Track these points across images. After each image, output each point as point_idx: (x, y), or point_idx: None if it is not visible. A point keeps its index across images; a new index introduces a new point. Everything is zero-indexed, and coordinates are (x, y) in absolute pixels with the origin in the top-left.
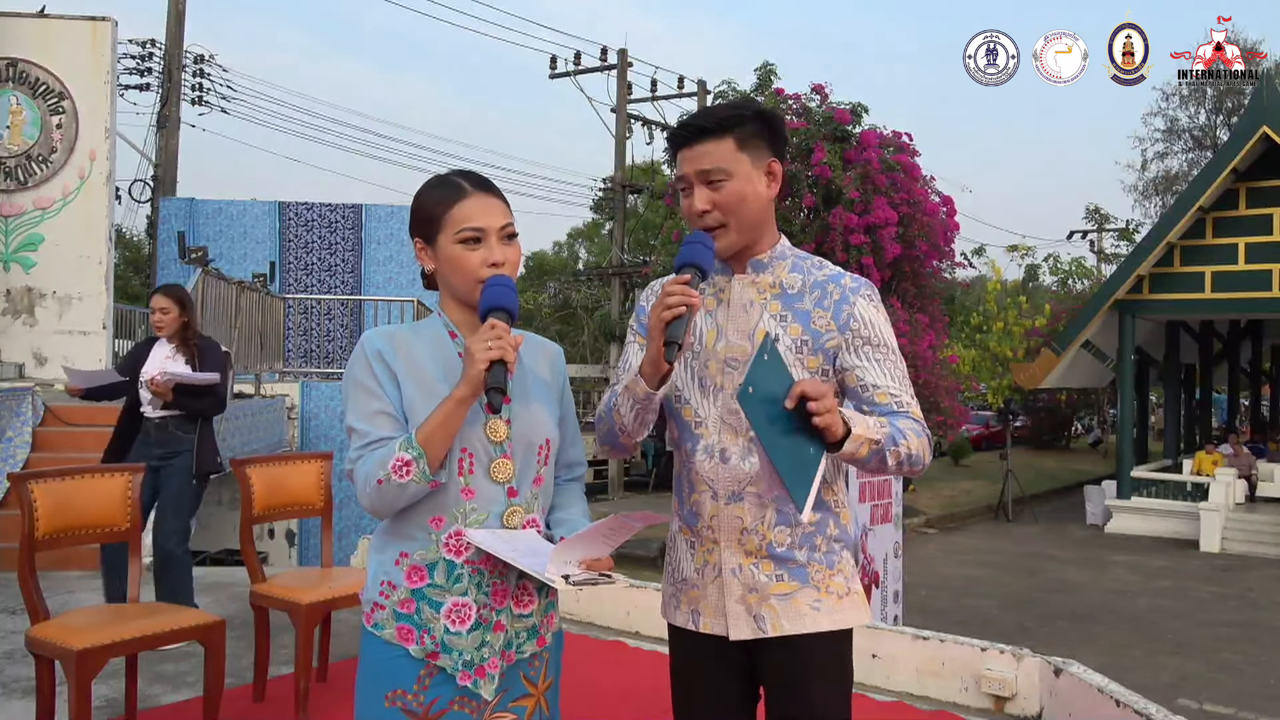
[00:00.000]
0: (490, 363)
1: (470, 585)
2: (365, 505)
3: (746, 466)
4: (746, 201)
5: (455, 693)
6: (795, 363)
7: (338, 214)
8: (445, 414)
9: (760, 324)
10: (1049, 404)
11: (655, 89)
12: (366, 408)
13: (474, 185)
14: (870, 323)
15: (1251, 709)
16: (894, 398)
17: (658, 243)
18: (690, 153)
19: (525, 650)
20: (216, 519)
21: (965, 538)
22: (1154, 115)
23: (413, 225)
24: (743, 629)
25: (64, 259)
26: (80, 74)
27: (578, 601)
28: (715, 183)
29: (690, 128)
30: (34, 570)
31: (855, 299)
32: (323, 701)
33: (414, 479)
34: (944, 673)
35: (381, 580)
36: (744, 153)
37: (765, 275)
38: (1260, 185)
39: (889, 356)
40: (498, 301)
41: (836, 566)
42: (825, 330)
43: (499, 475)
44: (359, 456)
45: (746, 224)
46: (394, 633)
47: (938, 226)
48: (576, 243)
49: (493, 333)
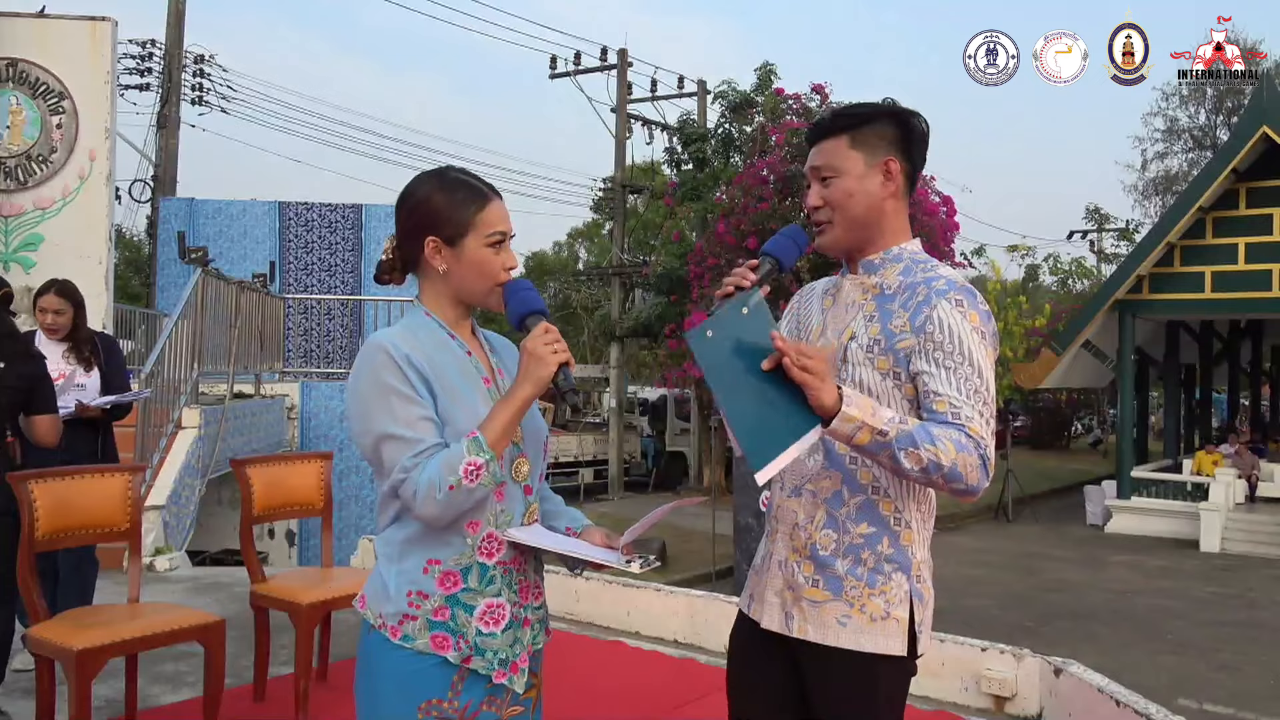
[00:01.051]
0: (559, 365)
1: (503, 585)
2: (428, 514)
3: (810, 463)
4: (854, 198)
5: (484, 694)
6: (865, 362)
7: (338, 214)
8: (513, 415)
9: (852, 324)
10: (1049, 404)
11: (655, 89)
12: (409, 414)
13: (488, 188)
14: (949, 329)
15: (1251, 709)
16: (953, 409)
17: (658, 243)
18: (812, 150)
19: (539, 643)
20: (216, 519)
21: (965, 538)
22: (1154, 115)
23: (427, 225)
24: (774, 620)
25: (64, 259)
26: (80, 74)
27: (578, 601)
28: (826, 179)
29: (816, 126)
30: (34, 570)
31: (939, 302)
32: (323, 701)
33: (483, 483)
34: (944, 673)
35: (409, 590)
36: (857, 150)
37: (874, 277)
38: (1260, 185)
39: (961, 367)
40: (538, 305)
41: (879, 587)
42: (899, 331)
43: (520, 474)
44: (415, 464)
45: (853, 221)
46: (427, 642)
47: (938, 226)
48: (576, 243)
49: (550, 335)
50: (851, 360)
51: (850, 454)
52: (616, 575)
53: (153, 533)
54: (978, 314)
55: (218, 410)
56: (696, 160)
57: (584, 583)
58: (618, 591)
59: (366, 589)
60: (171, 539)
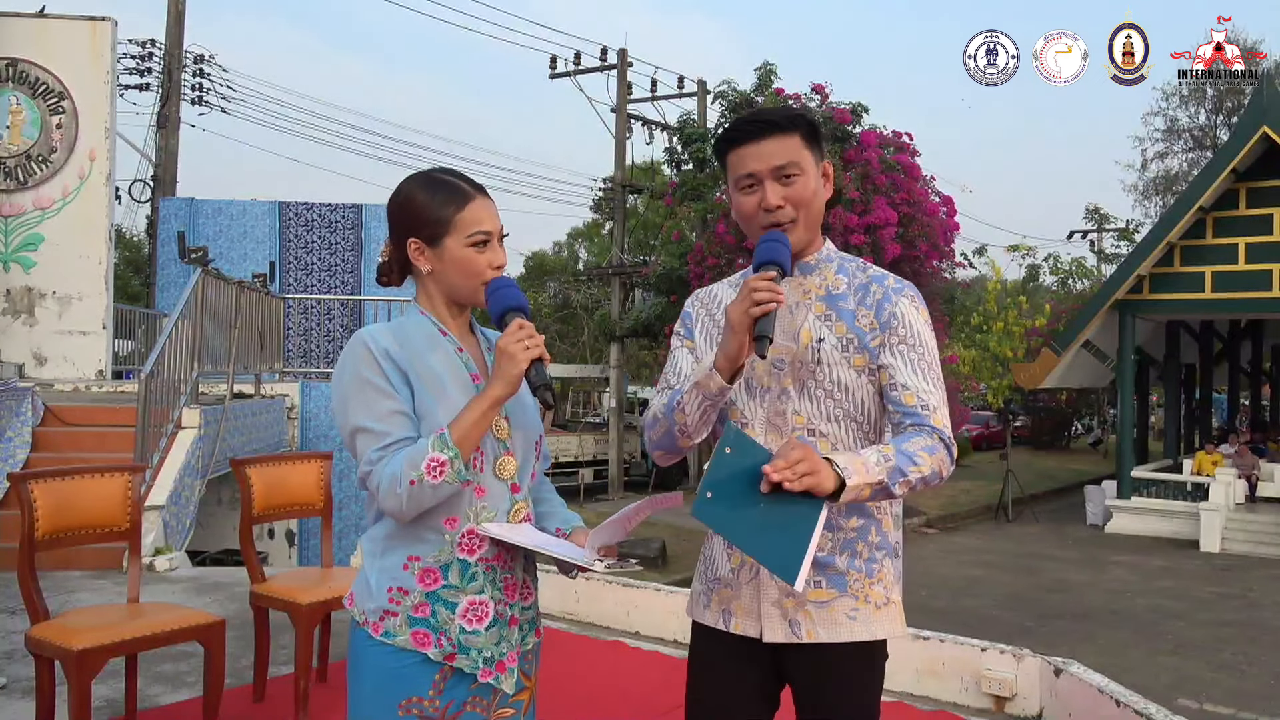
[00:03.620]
0: (531, 361)
1: (486, 583)
2: (390, 508)
3: None
4: (817, 197)
5: (469, 693)
6: (841, 361)
7: (338, 214)
8: (482, 413)
9: (805, 325)
10: (1049, 404)
11: (655, 89)
12: (380, 407)
13: (472, 187)
14: (909, 323)
15: (1251, 709)
16: (921, 401)
17: (658, 243)
18: (757, 149)
19: (529, 643)
20: (216, 519)
21: (965, 538)
22: (1154, 115)
23: (409, 226)
24: (776, 631)
25: (64, 259)
26: (80, 74)
27: (578, 601)
28: (790, 178)
29: (759, 123)
30: (34, 570)
31: (898, 299)
32: (323, 701)
33: (447, 479)
34: (944, 673)
35: (389, 587)
36: (808, 150)
37: (812, 278)
38: (1260, 185)
39: (924, 358)
40: (515, 301)
41: (877, 575)
42: (869, 329)
43: (504, 472)
44: (380, 458)
45: (813, 221)
46: (408, 639)
47: (938, 226)
48: (576, 243)
49: (523, 332)
50: (827, 361)
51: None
52: (616, 575)
53: (153, 533)
54: (924, 309)
55: (218, 410)
56: (696, 160)
57: (584, 583)
58: (618, 591)
59: (354, 586)
60: (171, 539)
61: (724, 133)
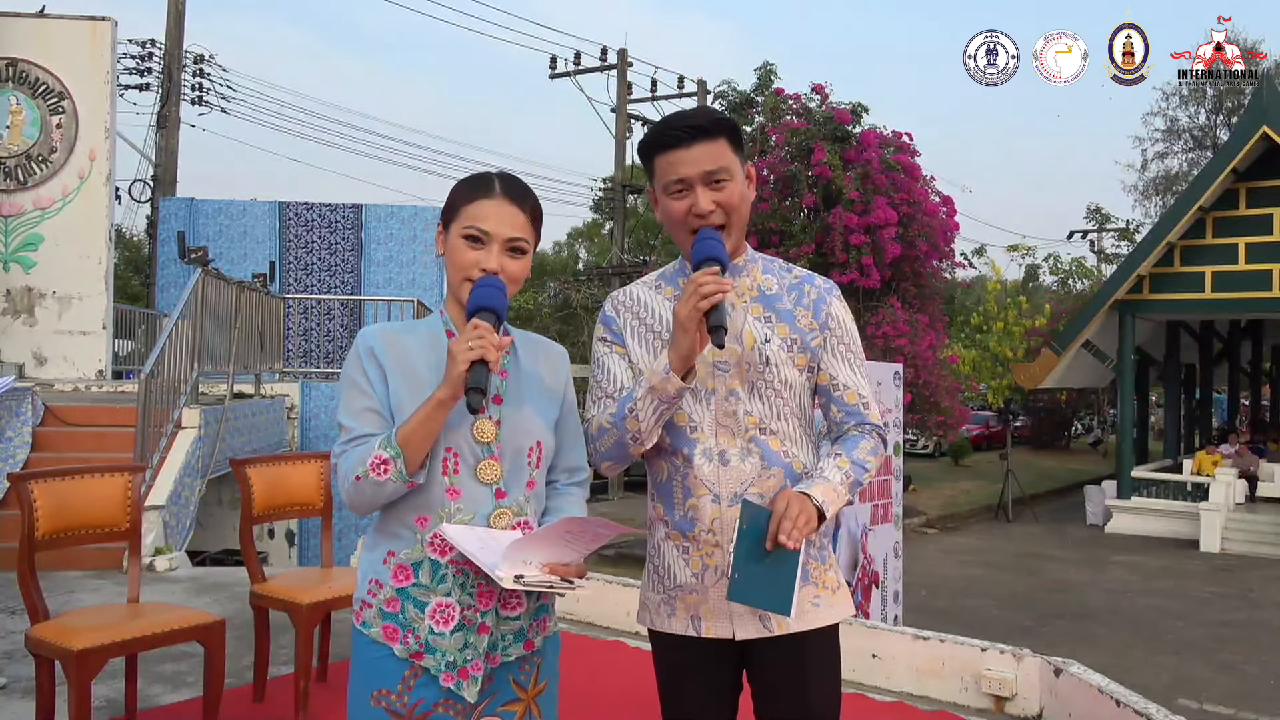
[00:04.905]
0: (471, 363)
1: (454, 586)
2: (344, 501)
3: (747, 467)
4: (745, 201)
5: (440, 695)
6: (787, 361)
7: (338, 214)
8: (425, 414)
9: (746, 326)
10: (1049, 404)
11: (655, 89)
12: (355, 404)
13: (503, 189)
14: (843, 322)
15: (1251, 709)
16: (861, 399)
17: (658, 243)
18: (687, 154)
19: (511, 654)
20: (216, 519)
21: (965, 538)
22: (1154, 115)
23: (442, 211)
24: (748, 629)
25: (64, 259)
26: (80, 74)
27: (577, 602)
28: (719, 183)
29: (688, 129)
30: (34, 570)
31: (830, 299)
32: (323, 701)
33: (391, 478)
34: (944, 673)
35: (369, 579)
36: (735, 154)
37: (743, 279)
38: (1260, 185)
39: (858, 355)
40: (485, 302)
41: (828, 561)
42: (809, 329)
43: (485, 476)
44: (343, 451)
45: (743, 224)
46: (380, 631)
47: (938, 226)
48: (576, 243)
49: (475, 332)
50: (775, 361)
51: (783, 450)
52: (616, 576)
53: (153, 533)
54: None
55: (218, 410)
56: None
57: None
58: (618, 591)
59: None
60: (171, 539)
61: (651, 137)
